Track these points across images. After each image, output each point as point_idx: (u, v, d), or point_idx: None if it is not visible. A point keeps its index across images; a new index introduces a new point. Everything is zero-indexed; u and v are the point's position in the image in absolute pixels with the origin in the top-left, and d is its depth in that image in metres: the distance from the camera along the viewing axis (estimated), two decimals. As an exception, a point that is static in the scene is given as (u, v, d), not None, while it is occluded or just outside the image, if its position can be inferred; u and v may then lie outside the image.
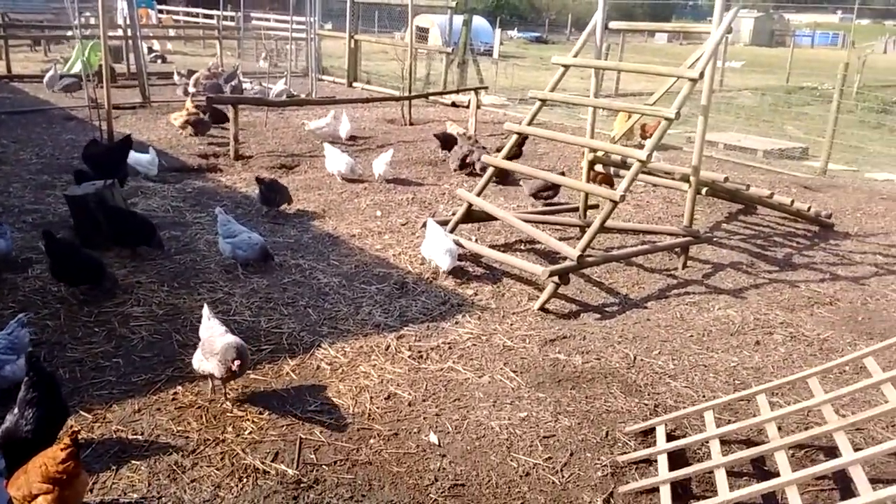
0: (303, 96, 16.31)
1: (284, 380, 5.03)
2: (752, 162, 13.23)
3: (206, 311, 4.91)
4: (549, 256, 7.75)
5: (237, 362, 4.41)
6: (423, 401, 4.89)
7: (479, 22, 32.55)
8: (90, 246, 6.93)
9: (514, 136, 7.86)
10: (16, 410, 3.86)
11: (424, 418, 4.70)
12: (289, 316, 5.99)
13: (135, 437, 4.27)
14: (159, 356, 5.21)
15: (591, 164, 8.52)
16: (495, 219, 7.95)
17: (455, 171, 11.06)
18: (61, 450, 3.37)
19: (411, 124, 15.11)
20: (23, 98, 15.82)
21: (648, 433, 4.64)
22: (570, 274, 6.60)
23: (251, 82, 18.01)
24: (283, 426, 4.49)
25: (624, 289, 7.11)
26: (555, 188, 9.18)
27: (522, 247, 8.08)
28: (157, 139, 11.92)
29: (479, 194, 7.76)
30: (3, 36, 21.76)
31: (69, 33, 23.16)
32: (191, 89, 16.63)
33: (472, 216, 7.85)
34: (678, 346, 5.90)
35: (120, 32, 20.00)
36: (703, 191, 8.35)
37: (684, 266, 7.67)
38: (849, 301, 7.03)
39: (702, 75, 6.89)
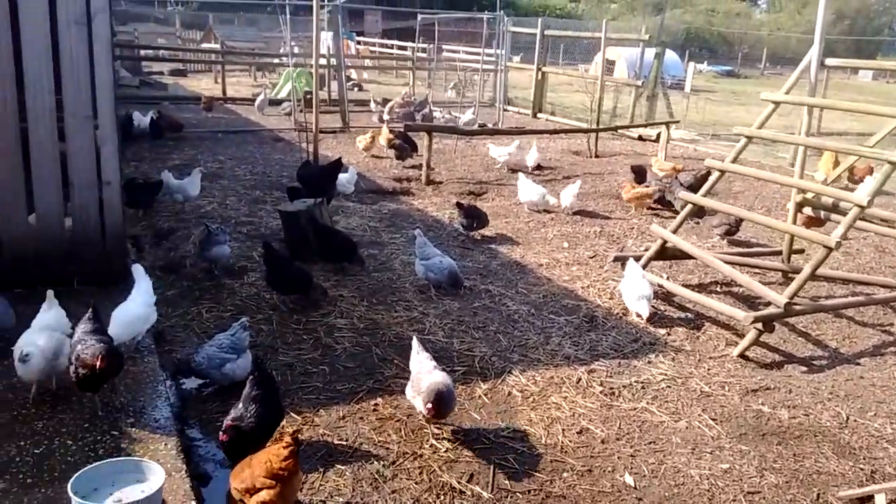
0: (490, 126, 16.67)
1: (477, 402, 5.10)
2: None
3: (415, 344, 4.89)
4: (748, 301, 7.35)
5: (431, 407, 4.37)
6: (617, 439, 4.77)
7: (668, 55, 31.80)
8: (298, 259, 7.44)
9: (716, 174, 7.55)
10: (240, 405, 4.17)
11: (619, 458, 4.57)
12: (480, 340, 6.08)
13: (340, 442, 4.48)
14: (361, 367, 5.46)
15: (800, 205, 8.01)
16: (690, 257, 7.66)
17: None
18: (284, 447, 3.60)
19: (597, 156, 14.97)
20: (236, 119, 17.33)
21: (865, 501, 4.24)
22: (774, 322, 6.21)
23: (440, 111, 18.69)
24: (477, 448, 4.54)
25: (833, 342, 6.59)
26: (737, 224, 8.90)
27: (718, 289, 7.72)
28: (356, 162, 12.60)
29: (675, 231, 7.52)
30: (221, 62, 24.09)
31: (277, 61, 25.27)
32: (385, 116, 17.51)
33: (666, 253, 7.61)
34: (899, 411, 5.37)
35: (324, 62, 21.47)
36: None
37: (903, 322, 7.00)
38: None
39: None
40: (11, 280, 5.70)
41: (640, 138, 17.51)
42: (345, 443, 4.48)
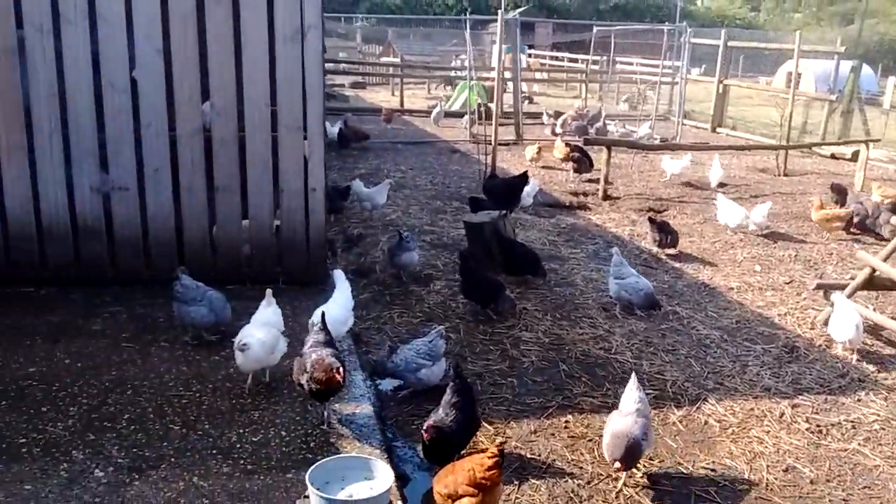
0: (667, 140, 16.17)
1: (671, 429, 4.92)
2: None
3: (633, 381, 4.40)
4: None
5: (620, 465, 4.09)
6: (827, 481, 4.44)
7: (863, 68, 29.49)
8: (476, 264, 7.57)
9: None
10: (440, 410, 4.27)
11: (830, 500, 4.25)
12: (670, 364, 5.87)
13: (532, 457, 4.48)
14: (549, 383, 5.44)
15: None
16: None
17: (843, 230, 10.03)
18: (489, 457, 3.64)
19: (786, 175, 14.11)
20: (414, 130, 17.90)
21: None
22: None
23: (614, 124, 18.36)
24: (675, 477, 4.38)
25: None
26: None
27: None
28: (532, 175, 12.60)
29: (885, 259, 6.91)
30: (399, 75, 24.99)
31: (453, 74, 25.88)
32: (558, 129, 17.44)
33: (873, 283, 7.01)
34: None
35: (494, 74, 21.76)
36: None
37: None
38: None
39: None
40: (225, 278, 6.18)
41: (833, 157, 16.32)
42: (538, 457, 4.47)
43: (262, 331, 4.72)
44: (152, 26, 5.97)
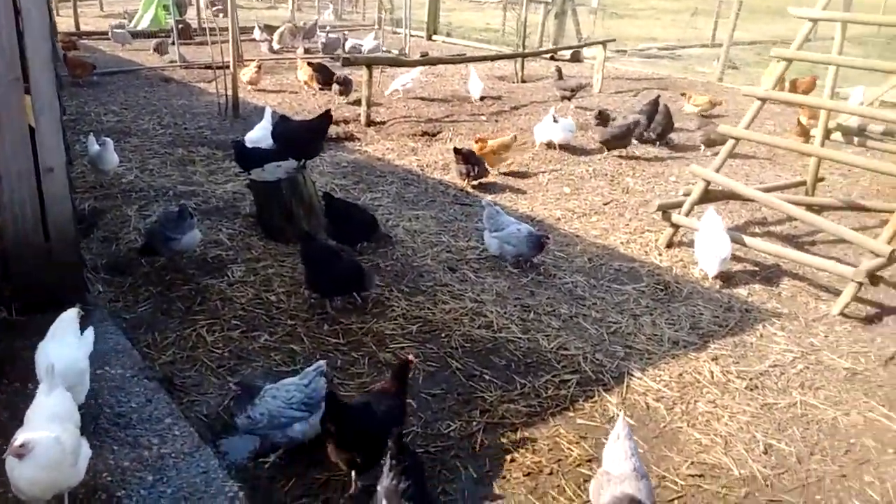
0: (402, 52, 15.02)
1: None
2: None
3: (621, 424, 3.24)
4: (792, 242, 6.63)
5: None
6: (811, 455, 3.84)
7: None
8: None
9: (757, 102, 6.62)
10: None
11: (832, 482, 3.64)
12: (564, 331, 4.91)
13: (499, 522, 3.24)
14: (450, 393, 4.18)
15: (829, 131, 7.32)
16: (733, 199, 6.82)
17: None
18: None
19: (524, 81, 13.80)
20: (103, 57, 14.53)
21: None
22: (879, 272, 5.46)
23: (330, 35, 16.62)
24: (669, 497, 3.45)
25: (915, 285, 5.97)
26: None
27: (758, 229, 6.94)
28: (276, 103, 10.73)
29: (717, 170, 6.57)
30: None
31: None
32: (275, 46, 15.43)
33: (709, 196, 6.67)
34: None
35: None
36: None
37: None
38: None
39: None
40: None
41: (553, 58, 16.43)
42: (508, 522, 3.25)
43: (54, 426, 2.80)
44: None
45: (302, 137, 6.24)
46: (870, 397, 4.36)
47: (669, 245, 6.47)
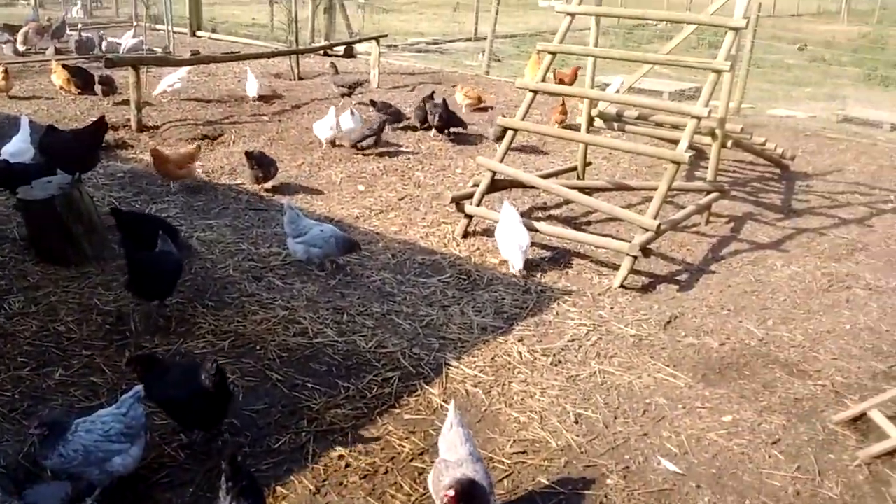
0: (167, 50, 14.17)
1: (442, 414, 4.11)
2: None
3: (452, 412, 3.40)
4: (571, 223, 7.21)
5: (454, 495, 2.93)
6: (615, 419, 4.24)
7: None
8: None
9: (530, 94, 7.08)
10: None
11: (636, 441, 4.05)
12: (380, 329, 4.98)
13: (344, 530, 3.24)
14: (275, 407, 4.11)
15: (592, 118, 8.02)
16: (517, 187, 7.27)
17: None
18: None
19: (301, 79, 13.63)
20: None
21: (857, 420, 4.31)
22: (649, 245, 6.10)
23: (86, 34, 15.31)
24: (500, 478, 3.65)
25: (676, 254, 6.74)
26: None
27: (541, 214, 7.46)
28: (31, 111, 9.69)
29: (502, 160, 6.96)
30: None
31: None
32: (20, 47, 13.91)
33: (497, 185, 7.06)
34: (785, 314, 5.64)
35: None
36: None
37: (707, 221, 7.45)
38: (876, 245, 7.16)
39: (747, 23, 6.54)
40: None
41: (327, 54, 16.37)
42: (353, 529, 3.26)
43: None
44: None
45: (76, 148, 5.71)
46: (656, 360, 4.88)
47: (465, 235, 6.75)
